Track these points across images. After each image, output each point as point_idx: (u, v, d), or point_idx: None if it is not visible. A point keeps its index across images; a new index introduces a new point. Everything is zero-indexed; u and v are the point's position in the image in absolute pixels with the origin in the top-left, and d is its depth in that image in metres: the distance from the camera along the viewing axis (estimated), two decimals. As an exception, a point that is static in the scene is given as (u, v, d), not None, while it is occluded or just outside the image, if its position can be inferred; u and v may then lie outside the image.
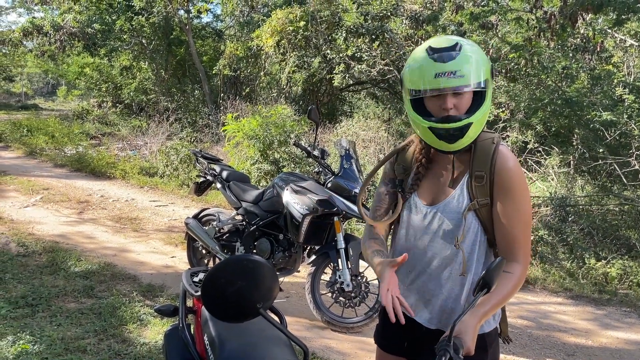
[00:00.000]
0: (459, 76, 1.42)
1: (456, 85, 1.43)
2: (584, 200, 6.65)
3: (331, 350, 3.56)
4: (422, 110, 1.51)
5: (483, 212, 1.55)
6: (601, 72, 7.50)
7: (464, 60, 1.43)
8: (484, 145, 1.56)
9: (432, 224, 1.59)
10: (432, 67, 1.44)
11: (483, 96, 1.49)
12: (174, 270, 4.89)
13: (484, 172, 1.53)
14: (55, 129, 14.36)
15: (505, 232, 1.54)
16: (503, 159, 1.53)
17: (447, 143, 1.48)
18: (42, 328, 3.45)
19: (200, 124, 13.84)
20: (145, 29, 15.77)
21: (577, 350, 3.82)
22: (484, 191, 1.54)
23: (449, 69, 1.42)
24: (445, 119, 1.46)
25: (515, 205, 1.53)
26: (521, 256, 1.54)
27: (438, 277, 1.59)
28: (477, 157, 1.55)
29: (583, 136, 6.99)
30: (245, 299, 1.14)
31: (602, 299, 4.88)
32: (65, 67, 23.11)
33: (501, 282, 1.48)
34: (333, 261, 3.83)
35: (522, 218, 1.53)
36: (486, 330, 1.59)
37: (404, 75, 1.54)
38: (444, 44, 1.47)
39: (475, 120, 1.47)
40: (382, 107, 12.45)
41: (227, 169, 4.68)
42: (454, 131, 1.46)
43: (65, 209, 6.93)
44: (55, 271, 4.54)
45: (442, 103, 1.46)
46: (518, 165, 1.55)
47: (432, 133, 1.48)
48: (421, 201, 1.63)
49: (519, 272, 1.52)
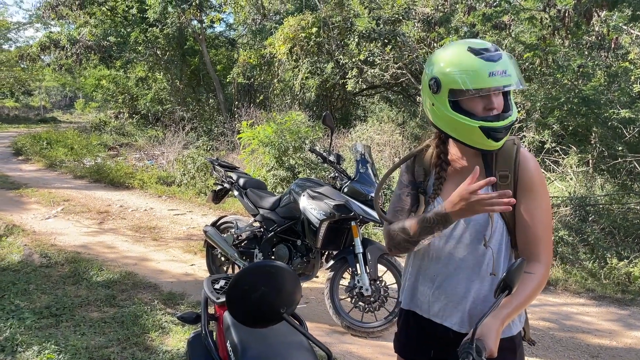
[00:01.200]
0: (507, 75, 1.44)
1: (507, 83, 1.45)
2: (604, 199, 6.56)
3: (352, 355, 3.56)
4: (459, 110, 1.49)
5: (507, 212, 1.54)
6: (618, 69, 7.40)
7: (508, 60, 1.47)
8: (506, 145, 1.57)
9: (458, 226, 1.58)
10: (485, 67, 1.44)
11: (507, 94, 1.52)
12: (193, 278, 4.93)
13: (508, 171, 1.55)
14: (74, 141, 14.61)
15: (528, 231, 1.54)
16: (525, 160, 1.56)
17: (495, 141, 1.48)
18: (66, 338, 3.51)
19: (215, 132, 13.96)
20: (160, 40, 15.98)
21: (601, 351, 3.76)
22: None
23: (500, 67, 1.44)
24: (497, 117, 1.47)
25: (537, 204, 1.54)
26: (543, 256, 1.54)
27: (466, 280, 1.58)
28: (500, 158, 1.57)
29: (601, 134, 6.89)
30: (269, 305, 1.15)
31: (626, 299, 4.81)
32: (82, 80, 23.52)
33: (523, 283, 1.47)
34: (351, 266, 3.83)
35: (543, 217, 1.54)
36: (514, 332, 1.58)
37: (440, 75, 1.50)
38: (482, 45, 1.48)
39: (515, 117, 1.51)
40: (396, 111, 12.44)
41: (244, 176, 4.71)
42: (504, 129, 1.47)
43: (86, 220, 7.04)
44: (77, 281, 4.61)
45: (487, 103, 1.47)
46: (538, 166, 1.58)
47: (481, 132, 1.47)
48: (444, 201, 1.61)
49: (542, 272, 1.52)
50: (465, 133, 1.51)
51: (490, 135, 1.47)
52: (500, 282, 1.35)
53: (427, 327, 1.66)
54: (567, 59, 7.34)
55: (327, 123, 3.83)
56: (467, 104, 1.49)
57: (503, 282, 1.35)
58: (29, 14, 37.55)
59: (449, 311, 1.61)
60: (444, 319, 1.61)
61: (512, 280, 1.34)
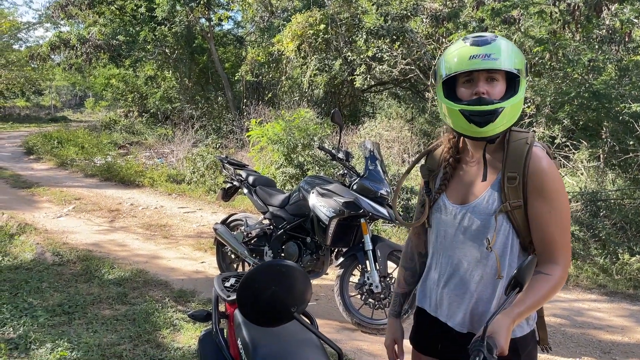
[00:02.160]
0: (492, 59, 1.43)
1: (489, 66, 1.43)
2: (615, 194, 6.51)
3: (362, 352, 3.57)
4: (453, 98, 1.51)
5: (516, 214, 1.51)
6: (629, 63, 7.32)
7: (498, 46, 1.45)
8: (517, 145, 1.53)
9: (462, 224, 1.57)
10: (468, 51, 1.46)
11: (516, 88, 1.48)
12: (204, 276, 4.96)
13: (517, 173, 1.50)
14: (85, 139, 14.71)
15: (541, 234, 1.50)
16: (536, 160, 1.50)
17: (478, 127, 1.46)
18: (79, 335, 3.54)
19: (224, 130, 14.00)
20: (168, 38, 16.04)
21: (613, 347, 3.74)
22: (517, 193, 1.50)
23: (483, 51, 1.44)
24: (477, 100, 1.45)
25: (551, 206, 1.49)
26: (560, 258, 1.50)
27: (469, 280, 1.57)
28: (510, 158, 1.52)
29: (612, 129, 6.83)
30: (280, 303, 1.16)
31: (638, 295, 4.77)
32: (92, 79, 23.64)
33: (538, 284, 1.45)
34: (361, 263, 3.84)
35: (558, 219, 1.49)
36: (518, 335, 1.55)
37: (438, 66, 1.55)
38: (479, 34, 1.50)
39: (507, 106, 1.45)
40: (405, 107, 12.39)
41: (253, 174, 4.72)
42: (486, 114, 1.44)
43: (97, 218, 7.10)
44: (89, 279, 4.66)
45: (474, 88, 1.47)
46: (553, 166, 1.51)
47: (462, 117, 1.46)
48: (450, 201, 1.61)
49: (558, 274, 1.48)
50: (454, 119, 1.51)
51: (472, 120, 1.45)
52: (511, 279, 1.34)
53: (434, 324, 1.67)
54: (577, 53, 7.27)
55: (336, 120, 3.83)
56: (459, 90, 1.50)
57: (514, 280, 1.34)
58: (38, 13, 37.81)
59: (452, 311, 1.61)
60: (447, 318, 1.62)
61: (523, 278, 1.34)
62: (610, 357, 3.59)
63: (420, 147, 9.79)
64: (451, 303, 1.61)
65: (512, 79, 1.49)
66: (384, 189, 3.80)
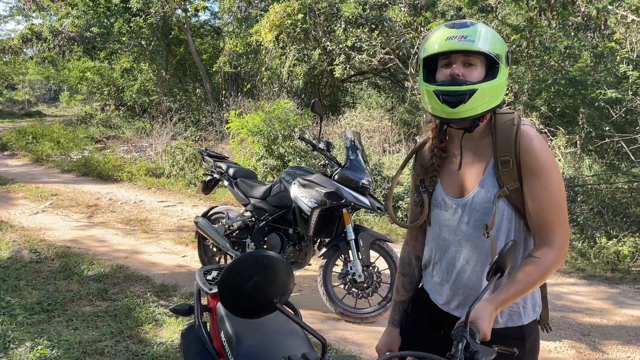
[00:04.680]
0: (469, 40, 1.42)
1: (464, 47, 1.42)
2: (592, 180, 6.62)
3: (347, 341, 3.58)
4: (432, 81, 1.51)
5: (514, 197, 1.49)
6: (604, 50, 7.43)
7: (476, 29, 1.45)
8: (505, 127, 1.51)
9: (463, 217, 1.55)
10: (445, 32, 1.46)
11: (495, 73, 1.46)
12: (186, 270, 4.92)
13: (509, 156, 1.48)
14: (60, 134, 14.42)
15: (536, 214, 1.47)
16: (527, 139, 1.48)
17: (449, 107, 1.44)
18: (59, 333, 3.49)
19: (203, 123, 13.85)
20: (144, 30, 15.75)
21: (592, 329, 3.82)
22: (512, 176, 1.48)
23: (460, 33, 1.44)
24: (451, 81, 1.44)
25: (544, 185, 1.46)
26: (555, 240, 1.46)
27: (475, 272, 1.55)
28: (500, 142, 1.50)
29: (588, 115, 6.94)
30: (262, 295, 1.15)
31: (615, 278, 4.87)
32: (66, 73, 23.14)
33: (525, 269, 1.43)
34: (344, 253, 3.84)
35: (552, 199, 1.46)
36: (525, 322, 1.54)
37: (420, 52, 1.55)
38: (464, 20, 1.52)
39: (481, 89, 1.43)
40: (385, 96, 12.41)
41: (234, 166, 4.69)
42: (458, 94, 1.42)
43: (75, 214, 6.98)
44: (68, 276, 4.58)
45: (450, 70, 1.46)
46: (544, 143, 1.49)
47: (436, 97, 1.45)
48: (448, 196, 1.59)
49: (550, 257, 1.44)
50: (430, 100, 1.50)
51: (444, 100, 1.44)
52: (493, 264, 1.34)
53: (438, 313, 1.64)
54: (553, 40, 7.35)
55: (316, 110, 3.81)
56: (438, 74, 1.50)
57: (495, 265, 1.34)
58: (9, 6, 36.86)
59: (459, 301, 1.58)
60: (453, 309, 1.60)
61: (504, 263, 1.33)
62: (589, 339, 3.67)
63: (400, 136, 9.82)
64: (456, 295, 1.59)
65: (492, 66, 1.47)
66: (365, 179, 3.80)
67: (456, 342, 1.27)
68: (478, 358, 1.24)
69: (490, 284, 1.35)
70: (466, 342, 1.26)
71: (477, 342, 1.29)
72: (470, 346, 1.26)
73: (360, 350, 3.45)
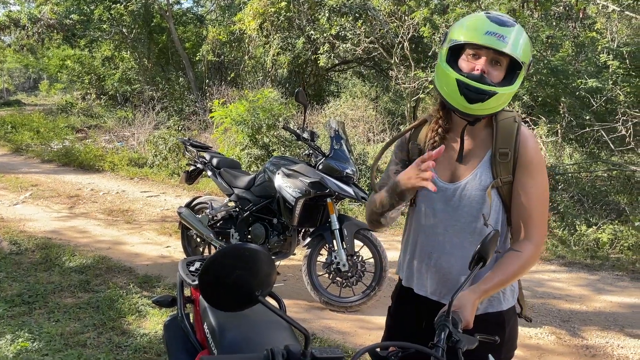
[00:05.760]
0: (506, 42, 1.42)
1: (501, 48, 1.42)
2: (572, 168, 6.71)
3: (331, 330, 3.60)
4: (453, 67, 1.49)
5: (505, 190, 1.54)
6: (585, 40, 7.50)
7: (516, 32, 1.44)
8: (507, 123, 1.56)
9: (453, 202, 1.56)
10: (487, 25, 1.44)
11: (513, 78, 1.48)
12: (170, 260, 4.89)
13: (509, 149, 1.53)
14: (40, 124, 14.17)
15: (522, 209, 1.53)
16: (525, 138, 1.55)
17: (467, 102, 1.44)
18: (40, 325, 3.45)
19: (187, 112, 13.72)
20: (125, 17, 15.48)
21: (572, 316, 3.89)
22: (508, 169, 1.53)
23: (501, 32, 1.42)
24: (479, 77, 1.44)
25: (534, 183, 1.53)
26: (535, 235, 1.53)
27: (462, 257, 1.55)
28: (501, 135, 1.54)
29: (569, 104, 7.01)
30: (244, 288, 1.14)
31: (595, 265, 4.96)
32: (45, 61, 22.68)
33: (508, 260, 1.48)
34: (328, 242, 3.85)
35: (539, 197, 1.53)
36: (504, 308, 1.59)
37: (451, 29, 1.52)
38: (504, 15, 1.49)
39: (501, 93, 1.44)
40: (369, 86, 12.40)
41: (217, 155, 4.65)
42: (479, 92, 1.43)
43: (56, 205, 6.88)
44: (49, 267, 4.52)
45: (476, 65, 1.45)
46: (538, 145, 1.57)
47: (456, 86, 1.45)
48: (440, 179, 1.59)
49: (530, 251, 1.51)
50: (447, 87, 1.48)
51: (463, 92, 1.44)
52: (475, 254, 1.36)
53: (420, 302, 1.65)
54: (535, 30, 7.39)
55: (300, 100, 3.79)
56: (462, 63, 1.49)
57: (477, 254, 1.36)
58: (-15, -8, 36.04)
59: (447, 289, 1.59)
60: (442, 297, 1.60)
61: (487, 252, 1.35)
62: (569, 325, 3.73)
63: (384, 125, 9.83)
64: (443, 281, 1.60)
65: (512, 69, 1.48)
66: (349, 168, 3.80)
67: (439, 331, 1.28)
68: (460, 347, 1.26)
69: (473, 273, 1.37)
70: (449, 331, 1.27)
71: (460, 331, 1.31)
72: (453, 335, 1.27)
73: (344, 339, 3.47)
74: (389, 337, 1.78)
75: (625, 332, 3.63)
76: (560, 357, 3.31)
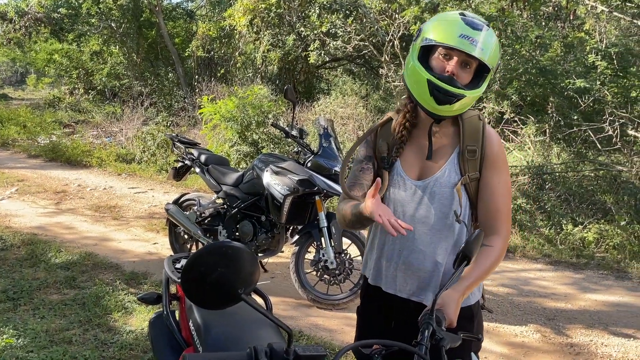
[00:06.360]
0: (479, 47, 1.45)
1: (473, 53, 1.44)
2: (560, 168, 6.76)
3: (318, 327, 3.60)
4: (425, 65, 1.51)
5: (472, 187, 1.58)
6: (574, 40, 7.55)
7: (489, 38, 1.47)
8: (472, 121, 1.60)
9: (423, 199, 1.59)
10: (461, 28, 1.46)
11: (480, 81, 1.51)
12: (157, 257, 4.86)
13: (476, 146, 1.57)
14: (27, 118, 14.00)
15: (489, 205, 1.58)
16: (490, 135, 1.59)
17: (435, 103, 1.48)
18: (25, 321, 3.42)
19: (176, 108, 13.62)
20: (114, 11, 15.35)
21: (557, 314, 3.92)
22: (475, 165, 1.57)
23: (474, 36, 1.45)
24: (449, 79, 1.46)
25: (500, 179, 1.58)
26: (503, 229, 1.58)
27: (433, 254, 1.59)
28: (468, 132, 1.58)
29: (558, 104, 7.06)
30: (226, 285, 1.13)
31: (580, 264, 5.01)
32: (33, 55, 22.39)
33: (482, 256, 1.52)
34: (316, 240, 3.85)
35: (504, 192, 1.58)
36: (472, 302, 1.63)
37: (425, 26, 1.54)
38: (477, 17, 1.51)
39: (469, 96, 1.49)
40: (359, 83, 12.38)
41: (205, 152, 4.63)
42: (448, 94, 1.46)
43: (42, 200, 6.81)
44: (35, 264, 4.48)
45: (447, 66, 1.48)
46: (501, 141, 1.63)
47: (427, 87, 1.47)
48: (408, 176, 1.61)
49: (500, 245, 1.56)
50: (417, 85, 1.51)
51: (433, 93, 1.46)
52: (459, 253, 1.37)
53: (387, 300, 1.67)
54: (525, 29, 7.43)
55: (289, 97, 3.79)
56: (433, 61, 1.51)
57: (462, 253, 1.37)
58: (-29, -16, 35.48)
59: (417, 286, 1.61)
60: (412, 294, 1.62)
61: (471, 251, 1.37)
62: (554, 323, 3.77)
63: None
64: (413, 279, 1.61)
65: (480, 71, 1.51)
66: (338, 166, 3.80)
67: (422, 329, 1.29)
68: (444, 345, 1.27)
69: (458, 272, 1.38)
70: (432, 329, 1.28)
71: (443, 330, 1.32)
72: (437, 333, 1.28)
73: (331, 336, 3.47)
74: (359, 337, 1.80)
75: (609, 330, 3.67)
76: (545, 355, 3.34)
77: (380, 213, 1.40)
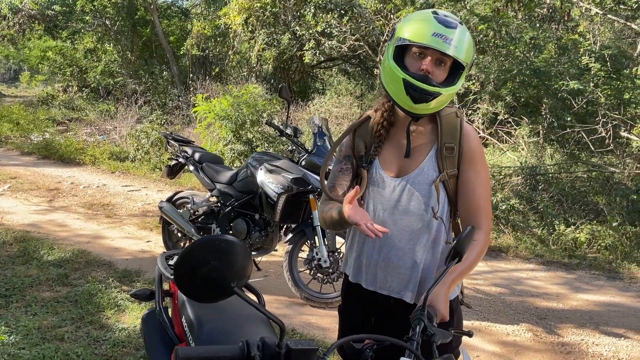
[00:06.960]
0: (452, 45, 1.46)
1: (446, 51, 1.45)
2: (553, 169, 6.80)
3: (311, 326, 3.61)
4: (400, 64, 1.52)
5: (451, 183, 1.60)
6: (568, 42, 7.59)
7: (461, 34, 1.48)
8: (450, 118, 1.61)
9: (402, 196, 1.60)
10: (434, 26, 1.47)
11: (455, 78, 1.52)
12: (150, 255, 4.85)
13: (454, 143, 1.58)
14: (20, 115, 13.91)
15: (470, 201, 1.60)
16: (468, 132, 1.61)
17: (411, 101, 1.49)
18: (17, 318, 3.40)
19: (170, 106, 13.60)
20: (108, 9, 15.29)
21: (549, 313, 3.95)
22: (453, 163, 1.59)
23: (447, 34, 1.46)
24: (423, 77, 1.47)
25: (479, 175, 1.60)
26: (484, 224, 1.60)
27: (412, 250, 1.60)
28: (446, 129, 1.59)
29: (551, 105, 7.09)
30: (219, 279, 1.14)
31: (572, 264, 5.04)
32: (26, 52, 22.27)
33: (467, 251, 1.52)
34: (310, 238, 3.85)
35: (484, 187, 1.61)
36: (451, 298, 1.62)
37: (398, 26, 1.55)
38: (448, 14, 1.52)
39: (445, 94, 1.50)
40: (354, 83, 12.40)
41: (200, 150, 4.62)
42: (425, 93, 1.47)
43: (35, 198, 6.78)
44: (27, 261, 4.46)
45: (422, 64, 1.49)
46: (479, 138, 1.65)
47: (403, 86, 1.48)
48: (387, 174, 1.63)
49: (483, 239, 1.59)
50: (394, 84, 1.52)
51: (409, 93, 1.48)
52: (451, 250, 1.39)
53: (368, 297, 1.68)
54: (519, 31, 7.46)
55: (284, 96, 3.79)
56: (408, 60, 1.52)
57: (453, 250, 1.38)
58: (-35, -20, 35.19)
59: (397, 283, 1.63)
60: (393, 290, 1.63)
61: (462, 248, 1.39)
62: (546, 322, 3.79)
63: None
64: (392, 275, 1.63)
65: (455, 69, 1.52)
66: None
67: (414, 325, 1.30)
68: (435, 340, 1.28)
69: (448, 269, 1.40)
70: (424, 325, 1.29)
71: (434, 325, 1.33)
72: (428, 329, 1.29)
73: (324, 334, 3.48)
74: (341, 334, 1.82)
75: (600, 329, 3.70)
76: (537, 354, 3.36)
77: (358, 218, 1.43)
